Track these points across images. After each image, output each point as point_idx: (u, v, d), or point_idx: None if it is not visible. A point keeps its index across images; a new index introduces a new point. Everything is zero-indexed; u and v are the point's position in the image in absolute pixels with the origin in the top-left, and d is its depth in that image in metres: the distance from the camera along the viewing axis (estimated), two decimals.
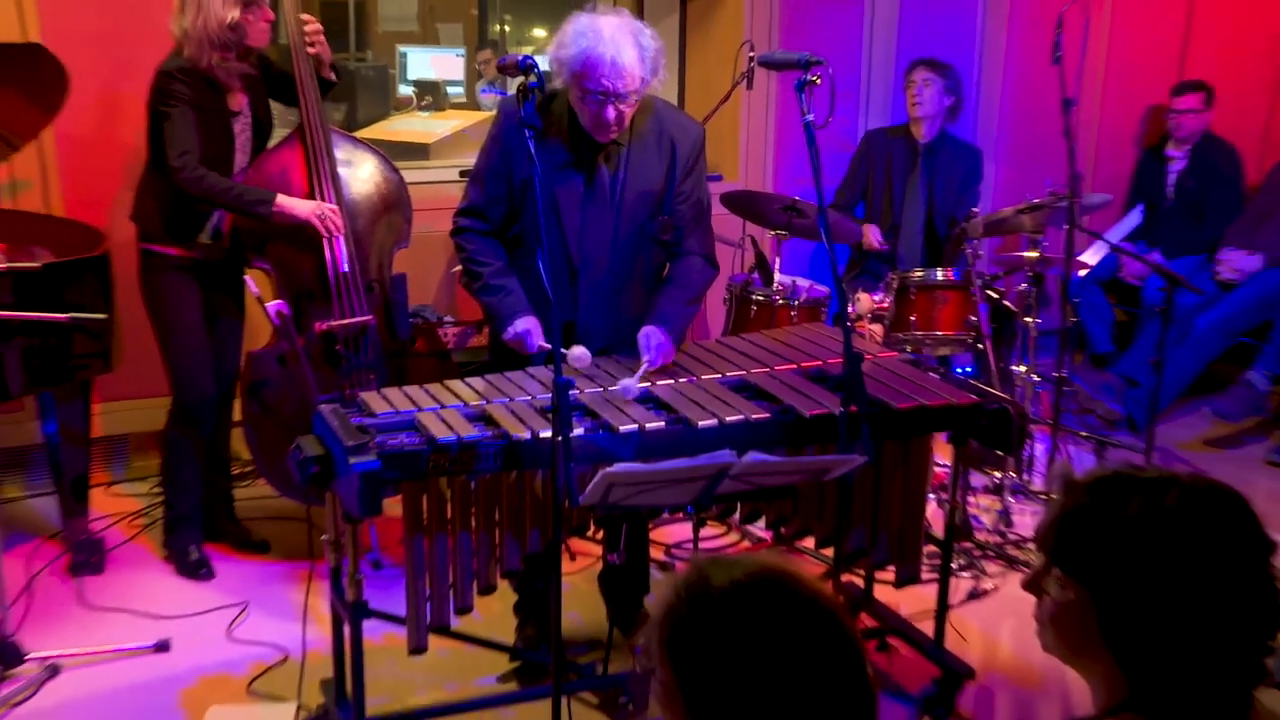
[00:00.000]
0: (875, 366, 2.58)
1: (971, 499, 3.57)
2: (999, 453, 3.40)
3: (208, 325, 3.08)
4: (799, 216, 3.62)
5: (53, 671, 2.67)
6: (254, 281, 2.55)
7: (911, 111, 4.14)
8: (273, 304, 2.38)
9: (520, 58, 2.11)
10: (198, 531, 3.18)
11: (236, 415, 3.24)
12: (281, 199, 2.91)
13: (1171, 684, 1.15)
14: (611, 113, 2.38)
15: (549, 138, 2.47)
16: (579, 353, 2.42)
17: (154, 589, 3.08)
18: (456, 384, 2.41)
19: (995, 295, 3.82)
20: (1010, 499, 3.56)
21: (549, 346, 2.47)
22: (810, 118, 2.15)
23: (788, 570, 1.09)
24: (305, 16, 3.04)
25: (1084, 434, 4.05)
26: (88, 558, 3.11)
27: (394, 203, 3.22)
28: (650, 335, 2.49)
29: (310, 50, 3.04)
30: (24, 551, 3.22)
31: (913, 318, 3.59)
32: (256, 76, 3.03)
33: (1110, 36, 4.97)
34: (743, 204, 3.84)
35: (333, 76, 3.15)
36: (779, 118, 4.52)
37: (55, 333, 2.78)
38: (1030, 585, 1.25)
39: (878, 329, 3.65)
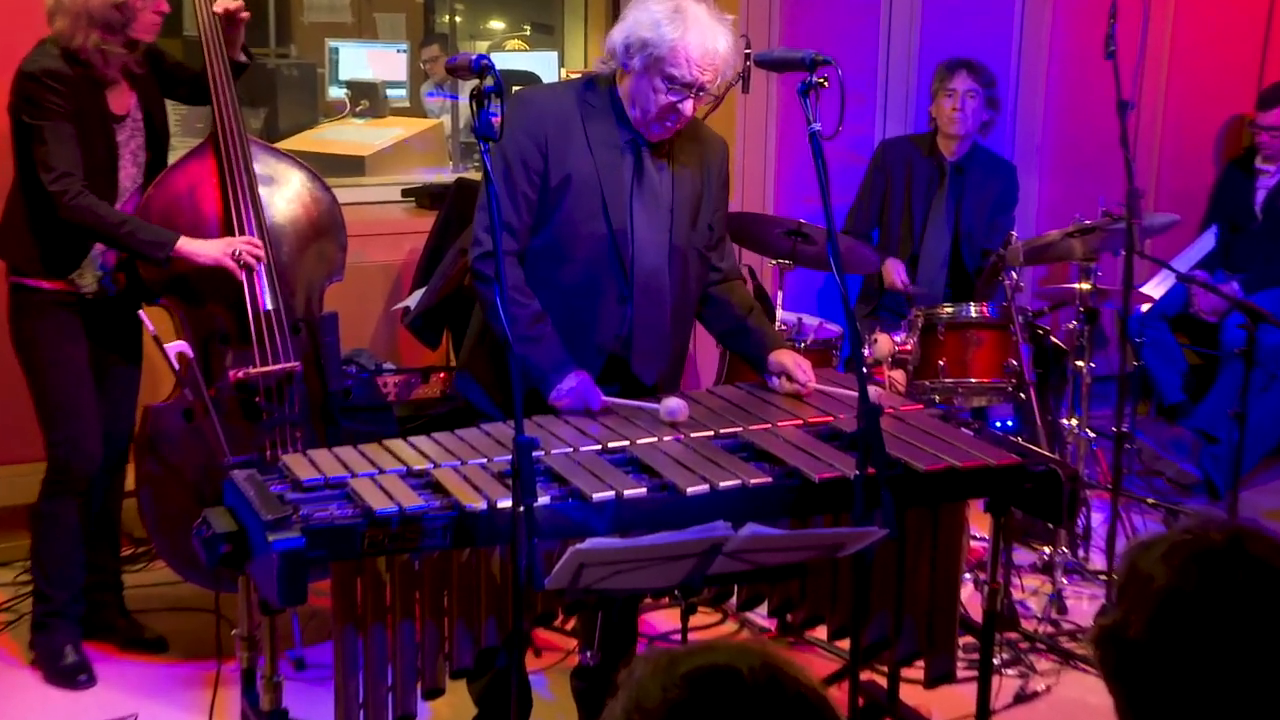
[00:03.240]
0: (897, 421, 2.63)
1: (1016, 580, 3.59)
2: (1048, 524, 3.45)
3: (95, 375, 3.08)
4: (805, 242, 3.68)
5: None
6: (150, 318, 2.56)
7: (947, 126, 4.20)
8: (173, 345, 2.40)
9: (473, 57, 2.15)
10: (76, 628, 3.15)
11: (130, 484, 3.24)
12: (183, 244, 2.94)
13: None
14: (690, 108, 2.53)
15: (597, 122, 2.60)
16: (675, 405, 2.51)
17: (17, 700, 3.04)
18: (398, 444, 2.44)
19: (1040, 334, 3.88)
20: (1063, 580, 3.58)
21: (614, 400, 2.56)
22: (817, 127, 2.20)
23: (767, 660, 1.09)
24: None
25: (1151, 500, 4.08)
26: None
27: (325, 228, 3.27)
28: (795, 361, 2.68)
29: (217, 8, 3.04)
30: None
31: (941, 362, 3.64)
32: (146, 74, 3.07)
33: (1175, 26, 5.00)
34: (738, 228, 3.89)
35: (244, 57, 3.18)
36: (780, 127, 4.60)
37: None
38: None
39: (899, 376, 3.70)
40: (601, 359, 2.64)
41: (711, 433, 2.52)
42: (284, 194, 3.22)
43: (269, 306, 3.08)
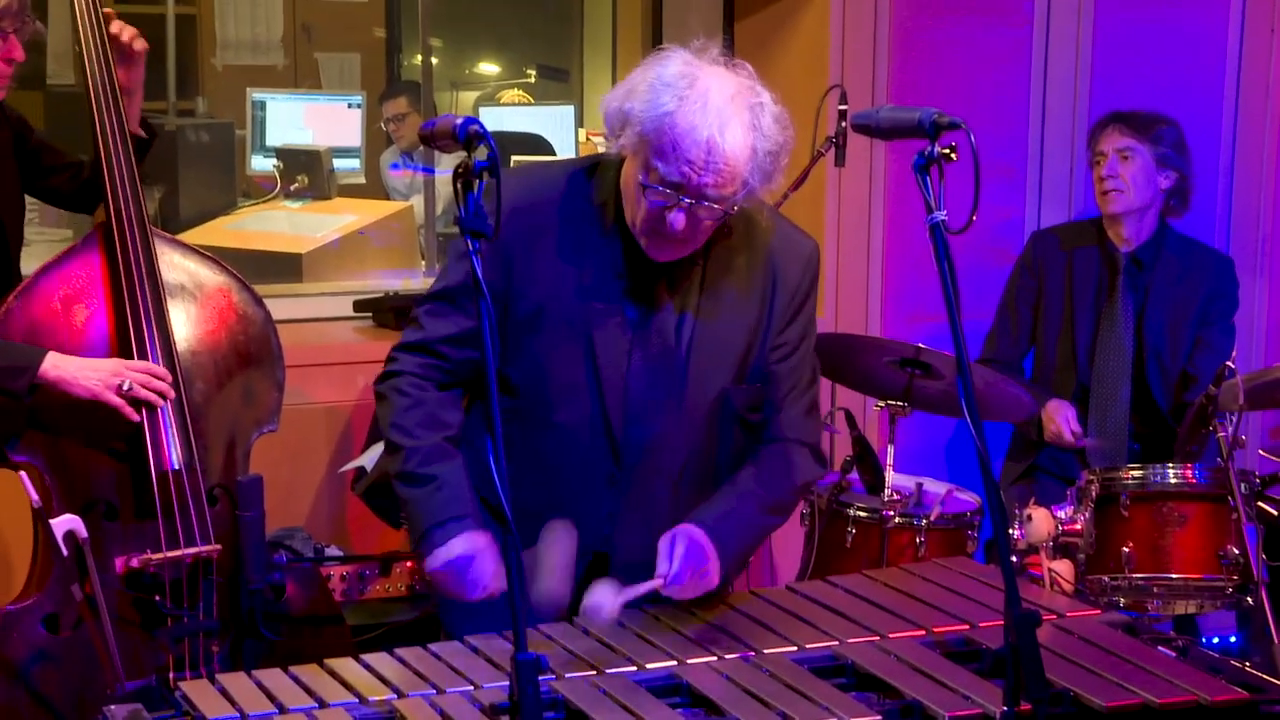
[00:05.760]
0: (1063, 635, 2.64)
1: None
2: None
3: None
4: (926, 376, 3.72)
5: None
6: (30, 480, 2.61)
7: (1102, 203, 4.27)
8: (61, 520, 2.43)
9: (458, 122, 2.23)
10: None
11: None
12: (51, 366, 3.01)
13: None
14: (680, 220, 2.50)
15: (588, 229, 2.63)
16: (599, 601, 2.48)
17: None
18: (347, 665, 2.47)
19: (1274, 511, 3.87)
20: None
21: (501, 591, 2.51)
22: (941, 216, 2.24)
23: None
24: (108, 12, 3.20)
25: None
26: None
27: (256, 357, 3.35)
28: (679, 539, 2.58)
29: (138, 45, 3.17)
30: None
31: (1126, 549, 3.64)
32: None
33: None
34: (830, 355, 3.95)
35: (143, 133, 3.31)
36: (888, 215, 4.67)
37: None
38: None
39: (1065, 568, 3.70)
40: (583, 563, 2.66)
41: (794, 648, 2.55)
42: (200, 309, 3.30)
43: (175, 466, 3.14)
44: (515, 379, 2.68)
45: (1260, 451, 4.38)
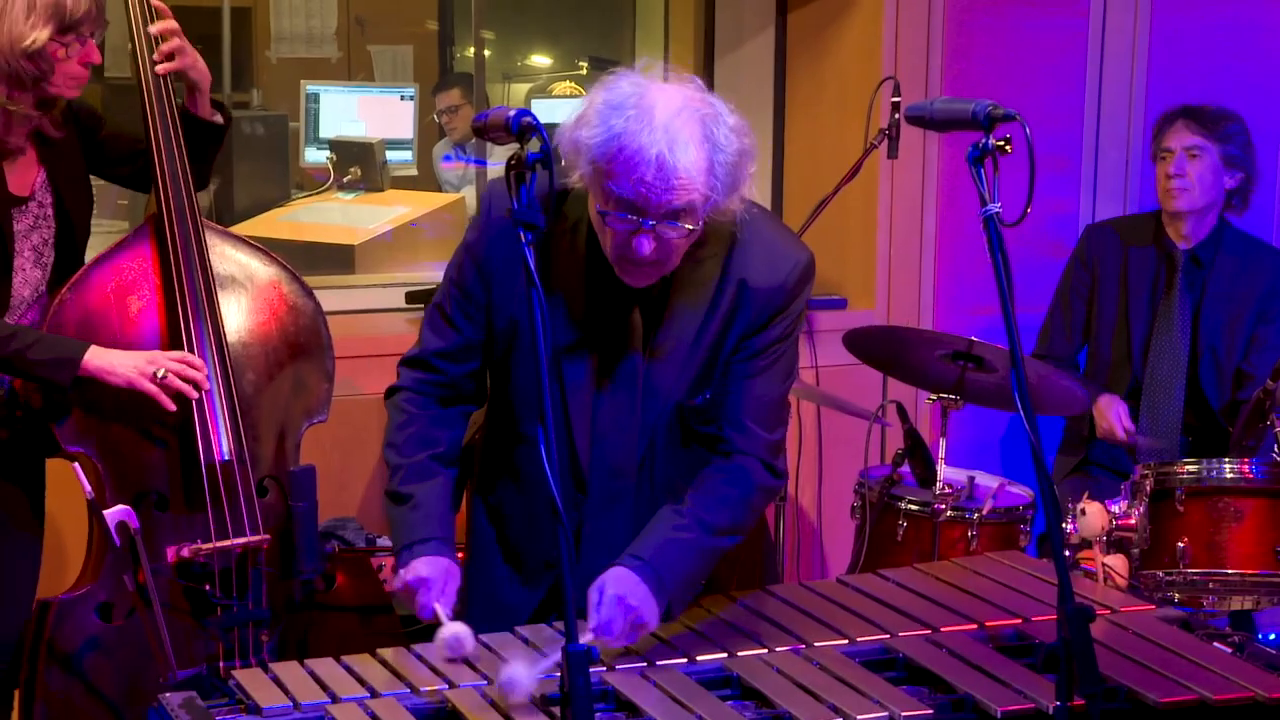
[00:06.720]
0: (1117, 630, 2.63)
1: None
2: None
3: None
4: (978, 369, 3.71)
5: None
6: (84, 471, 2.63)
7: (1166, 200, 4.24)
8: (114, 511, 2.44)
9: (511, 114, 2.24)
10: None
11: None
12: (94, 357, 3.04)
13: None
14: (647, 245, 2.44)
15: (569, 245, 2.61)
16: (514, 676, 2.36)
17: None
18: (398, 654, 2.49)
19: None
20: None
21: (450, 622, 2.51)
22: (995, 208, 2.24)
23: None
24: (159, 5, 3.23)
25: None
26: None
27: (306, 348, 3.37)
28: (607, 585, 2.50)
29: (162, 67, 3.21)
30: None
31: (1181, 544, 3.62)
32: (65, 141, 3.22)
33: None
34: (882, 348, 3.95)
35: (218, 117, 3.32)
36: (942, 205, 4.67)
37: None
38: None
39: (1119, 563, 3.68)
40: (550, 577, 2.71)
41: (844, 640, 2.55)
42: (250, 300, 3.33)
43: (225, 457, 3.17)
44: (498, 389, 2.73)
45: None
